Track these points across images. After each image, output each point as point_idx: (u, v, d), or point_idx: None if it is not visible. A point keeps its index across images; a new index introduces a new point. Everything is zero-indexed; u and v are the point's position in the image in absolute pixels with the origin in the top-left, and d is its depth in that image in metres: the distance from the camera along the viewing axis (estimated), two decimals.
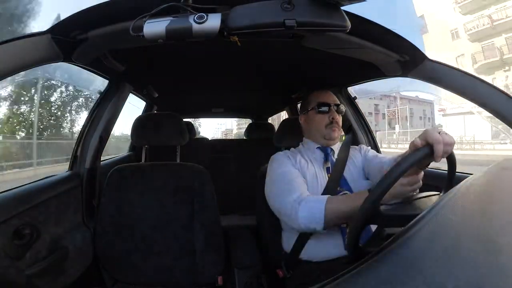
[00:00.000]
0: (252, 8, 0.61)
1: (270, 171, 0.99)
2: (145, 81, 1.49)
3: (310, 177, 0.96)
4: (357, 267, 0.28)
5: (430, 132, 0.56)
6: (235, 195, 2.01)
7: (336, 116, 1.01)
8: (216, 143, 2.60)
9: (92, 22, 0.72)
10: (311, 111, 1.04)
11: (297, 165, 0.98)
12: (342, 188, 0.94)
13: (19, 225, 0.79)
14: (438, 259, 0.26)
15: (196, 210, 1.06)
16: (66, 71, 1.44)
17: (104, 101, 1.24)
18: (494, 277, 0.23)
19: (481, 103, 0.81)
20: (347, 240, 0.55)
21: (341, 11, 0.61)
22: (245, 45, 0.68)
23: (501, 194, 0.41)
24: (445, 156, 0.57)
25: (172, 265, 1.06)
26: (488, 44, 15.09)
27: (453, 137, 0.58)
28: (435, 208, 0.34)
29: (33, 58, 0.68)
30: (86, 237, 1.08)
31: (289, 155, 1.02)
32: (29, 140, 6.97)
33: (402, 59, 0.92)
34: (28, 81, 6.87)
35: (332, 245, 0.87)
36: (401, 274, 0.25)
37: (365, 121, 1.54)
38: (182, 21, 0.60)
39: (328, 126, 1.01)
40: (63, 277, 0.93)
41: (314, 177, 0.97)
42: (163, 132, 1.14)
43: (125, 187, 1.08)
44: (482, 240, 0.29)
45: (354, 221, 0.53)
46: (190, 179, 1.08)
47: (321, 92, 1.06)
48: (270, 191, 0.95)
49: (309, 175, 0.97)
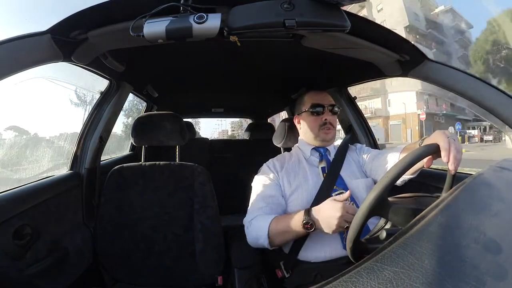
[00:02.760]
0: (252, 8, 0.61)
1: (253, 181, 1.03)
2: (145, 81, 1.48)
3: (300, 179, 0.97)
4: (357, 267, 0.28)
5: (441, 137, 0.60)
6: (235, 195, 2.00)
7: (329, 117, 1.01)
8: (216, 143, 2.60)
9: (92, 22, 0.72)
10: (305, 112, 1.04)
11: (282, 172, 0.99)
12: (338, 187, 0.94)
13: (19, 225, 0.79)
14: (438, 259, 0.26)
15: (196, 210, 1.06)
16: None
17: (104, 101, 1.24)
18: (494, 277, 0.23)
19: (481, 103, 0.81)
20: (349, 233, 0.55)
21: (341, 11, 0.61)
22: (245, 45, 0.68)
23: (501, 194, 0.41)
24: (456, 163, 0.58)
25: (172, 265, 1.05)
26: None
27: (460, 145, 0.61)
28: (435, 208, 0.34)
29: (33, 58, 0.68)
30: (86, 237, 1.08)
31: (275, 163, 1.03)
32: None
33: (402, 59, 0.92)
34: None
35: (331, 246, 0.87)
36: (401, 274, 0.25)
37: (365, 121, 1.54)
38: (182, 21, 0.60)
39: (321, 128, 1.01)
40: (63, 277, 0.93)
41: (307, 178, 0.97)
42: (163, 132, 1.14)
43: (125, 187, 1.08)
44: (482, 240, 0.29)
45: (359, 211, 0.53)
46: (190, 179, 1.08)
47: (315, 92, 1.06)
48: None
49: (300, 177, 0.97)
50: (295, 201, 0.93)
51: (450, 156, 0.58)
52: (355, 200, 0.92)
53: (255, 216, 0.91)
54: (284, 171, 1.00)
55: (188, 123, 2.39)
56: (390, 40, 0.85)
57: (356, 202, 0.91)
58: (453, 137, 0.61)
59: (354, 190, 0.94)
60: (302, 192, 0.94)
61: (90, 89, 1.28)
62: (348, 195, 0.74)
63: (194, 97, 2.11)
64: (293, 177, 0.98)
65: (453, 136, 0.62)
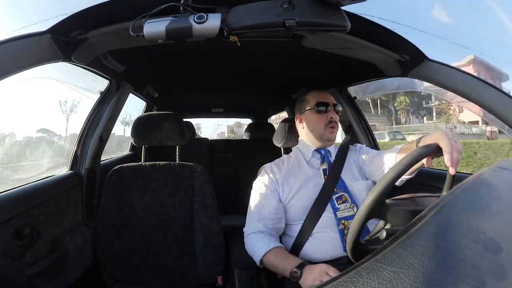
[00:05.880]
0: (252, 8, 0.61)
1: (253, 184, 1.02)
2: (145, 81, 1.48)
3: (301, 181, 0.96)
4: (357, 267, 0.28)
5: (443, 138, 0.58)
6: (235, 195, 2.00)
7: (335, 116, 1.01)
8: (216, 143, 2.60)
9: (92, 22, 0.72)
10: (309, 110, 1.02)
11: (281, 177, 0.98)
12: (339, 189, 0.93)
13: (19, 225, 0.79)
14: (438, 259, 0.26)
15: (196, 210, 1.06)
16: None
17: (104, 101, 1.24)
18: (494, 277, 0.23)
19: (481, 103, 0.81)
20: (348, 235, 0.55)
21: (341, 11, 0.61)
22: (245, 45, 0.68)
23: (501, 194, 0.41)
24: (455, 164, 0.57)
25: (172, 265, 1.05)
26: None
27: (460, 144, 0.60)
28: (435, 208, 0.34)
29: (33, 58, 0.68)
30: (86, 237, 1.08)
31: (274, 168, 1.02)
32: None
33: (402, 59, 0.92)
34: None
35: (331, 246, 0.87)
36: (401, 274, 0.25)
37: (365, 121, 1.54)
38: (182, 21, 0.60)
39: (327, 126, 1.00)
40: (63, 277, 0.93)
41: (307, 181, 0.96)
42: (163, 132, 1.14)
43: (125, 187, 1.08)
44: (482, 240, 0.29)
45: (357, 214, 0.53)
46: (190, 179, 1.08)
47: (319, 91, 1.05)
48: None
49: (301, 180, 0.96)
50: (296, 204, 0.93)
51: (452, 159, 0.56)
52: (355, 203, 0.92)
53: (253, 232, 0.92)
54: (284, 174, 0.98)
55: (188, 123, 2.39)
56: (390, 40, 0.85)
57: (356, 205, 0.91)
58: (455, 138, 0.60)
59: (355, 193, 0.93)
60: (302, 195, 0.93)
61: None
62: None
63: (194, 97, 2.11)
64: (294, 180, 0.97)
65: (454, 136, 0.60)
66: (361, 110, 1.55)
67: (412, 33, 1.00)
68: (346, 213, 0.90)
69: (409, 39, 0.82)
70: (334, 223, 0.88)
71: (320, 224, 0.88)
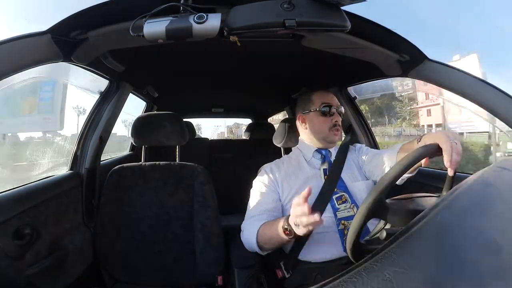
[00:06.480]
0: (252, 8, 0.61)
1: (253, 184, 1.03)
2: (145, 81, 1.48)
3: (301, 181, 0.96)
4: (357, 267, 0.28)
5: (443, 139, 0.58)
6: (235, 195, 2.00)
7: (339, 119, 1.01)
8: (216, 143, 2.60)
9: (92, 22, 0.72)
10: (314, 112, 1.02)
11: (281, 177, 0.98)
12: (339, 190, 0.93)
13: (19, 225, 0.79)
14: (438, 259, 0.26)
15: (196, 210, 1.06)
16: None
17: (104, 101, 1.24)
18: (494, 277, 0.23)
19: (481, 103, 0.81)
20: (348, 235, 0.55)
21: (341, 11, 0.61)
22: (245, 45, 0.68)
23: (500, 194, 0.41)
24: (455, 166, 0.57)
25: (172, 265, 1.05)
26: None
27: (460, 146, 0.59)
28: (435, 208, 0.34)
29: (33, 58, 0.68)
30: (86, 237, 1.08)
31: (273, 168, 1.02)
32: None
33: (402, 59, 0.91)
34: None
35: (331, 246, 0.87)
36: (401, 274, 0.25)
37: (365, 121, 1.54)
38: (182, 21, 0.60)
39: (331, 129, 1.00)
40: (63, 277, 0.93)
41: (307, 181, 0.96)
42: (163, 132, 1.14)
43: (125, 187, 1.08)
44: (482, 240, 0.29)
45: (357, 215, 0.53)
46: (190, 179, 1.08)
47: (323, 93, 1.05)
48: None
49: (301, 180, 0.96)
50: None
51: (451, 160, 0.56)
52: (355, 203, 0.92)
53: (248, 223, 0.92)
54: (284, 175, 0.99)
55: (188, 123, 2.39)
56: (390, 40, 0.84)
57: (356, 205, 0.91)
58: (456, 139, 0.59)
59: (355, 193, 0.93)
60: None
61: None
62: (306, 193, 0.62)
63: (194, 97, 2.11)
64: (294, 180, 0.97)
65: (455, 137, 0.60)
66: (361, 110, 1.55)
67: (412, 33, 1.00)
68: (346, 213, 0.90)
69: (409, 39, 0.82)
70: (334, 223, 0.88)
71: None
